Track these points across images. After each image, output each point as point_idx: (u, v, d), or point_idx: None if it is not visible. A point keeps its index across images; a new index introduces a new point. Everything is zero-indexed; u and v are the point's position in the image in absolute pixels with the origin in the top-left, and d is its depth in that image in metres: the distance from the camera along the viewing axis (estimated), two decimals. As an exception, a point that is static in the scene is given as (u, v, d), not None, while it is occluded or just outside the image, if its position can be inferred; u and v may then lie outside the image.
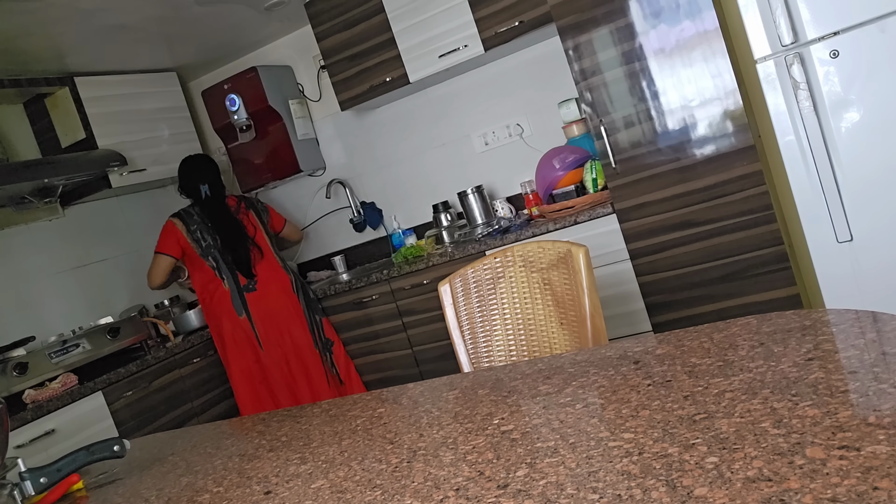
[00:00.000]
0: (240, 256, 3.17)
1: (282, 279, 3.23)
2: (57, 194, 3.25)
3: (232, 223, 3.23)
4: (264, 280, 3.19)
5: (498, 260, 1.76)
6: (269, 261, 3.24)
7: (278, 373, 3.15)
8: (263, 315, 3.15)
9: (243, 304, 3.14)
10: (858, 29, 2.10)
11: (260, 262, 3.22)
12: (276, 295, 3.18)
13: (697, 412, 0.84)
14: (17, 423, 2.43)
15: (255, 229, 3.26)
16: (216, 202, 3.25)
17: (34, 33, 2.76)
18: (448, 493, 0.83)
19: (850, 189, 2.19)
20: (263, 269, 3.21)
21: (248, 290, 3.16)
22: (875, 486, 0.60)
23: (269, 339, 3.15)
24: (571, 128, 3.10)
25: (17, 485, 1.27)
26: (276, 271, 3.23)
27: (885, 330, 0.93)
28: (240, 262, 3.17)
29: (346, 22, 3.30)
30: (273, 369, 3.15)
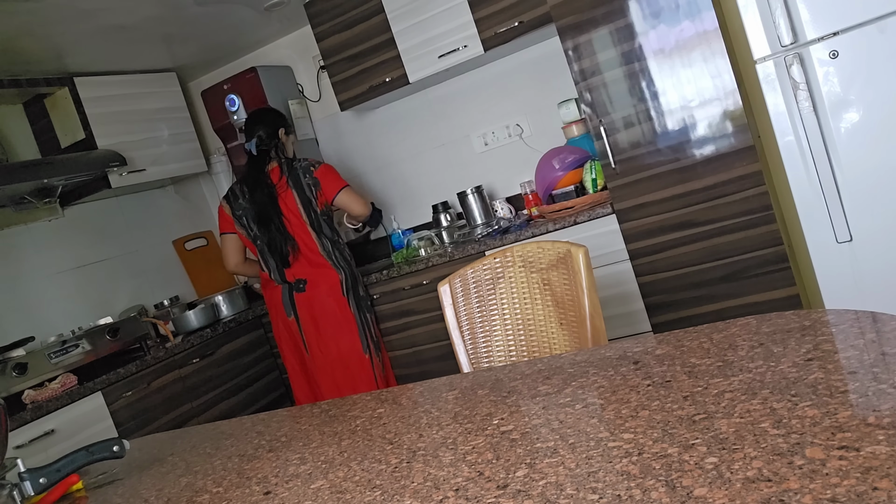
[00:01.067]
0: (278, 250, 2.84)
1: (330, 278, 2.87)
2: (56, 194, 3.25)
3: (264, 209, 2.83)
4: (313, 280, 2.87)
5: (497, 260, 1.76)
6: (314, 255, 2.87)
7: (323, 380, 2.93)
8: (310, 318, 2.88)
9: (292, 305, 2.90)
10: (858, 29, 2.10)
11: (301, 258, 2.86)
12: (322, 298, 2.87)
13: (697, 412, 0.84)
14: (16, 424, 2.43)
15: (295, 216, 2.84)
16: (254, 174, 2.86)
17: (34, 33, 2.76)
18: (448, 494, 0.83)
19: (849, 189, 2.19)
20: (309, 266, 2.87)
21: (298, 291, 2.88)
22: (874, 487, 0.60)
23: (316, 344, 2.90)
24: (571, 128, 3.10)
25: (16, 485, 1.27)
26: (324, 268, 2.87)
27: (884, 330, 0.93)
28: (279, 257, 2.86)
29: (346, 22, 3.30)
30: (318, 375, 2.94)
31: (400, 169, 3.75)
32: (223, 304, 3.58)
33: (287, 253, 2.83)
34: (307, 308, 2.87)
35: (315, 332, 2.89)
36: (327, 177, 2.86)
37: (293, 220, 2.83)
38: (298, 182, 2.83)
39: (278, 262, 2.85)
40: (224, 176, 4.05)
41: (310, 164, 2.87)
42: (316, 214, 2.85)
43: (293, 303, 2.88)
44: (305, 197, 2.83)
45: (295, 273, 2.87)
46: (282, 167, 2.86)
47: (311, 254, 2.85)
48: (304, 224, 2.83)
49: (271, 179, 2.85)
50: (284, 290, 2.88)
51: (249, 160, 2.90)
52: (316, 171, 2.85)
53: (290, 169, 2.85)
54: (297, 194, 2.82)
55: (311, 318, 2.88)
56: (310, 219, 2.84)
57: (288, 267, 2.85)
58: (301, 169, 2.85)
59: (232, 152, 3.83)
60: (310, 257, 2.85)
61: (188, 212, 4.11)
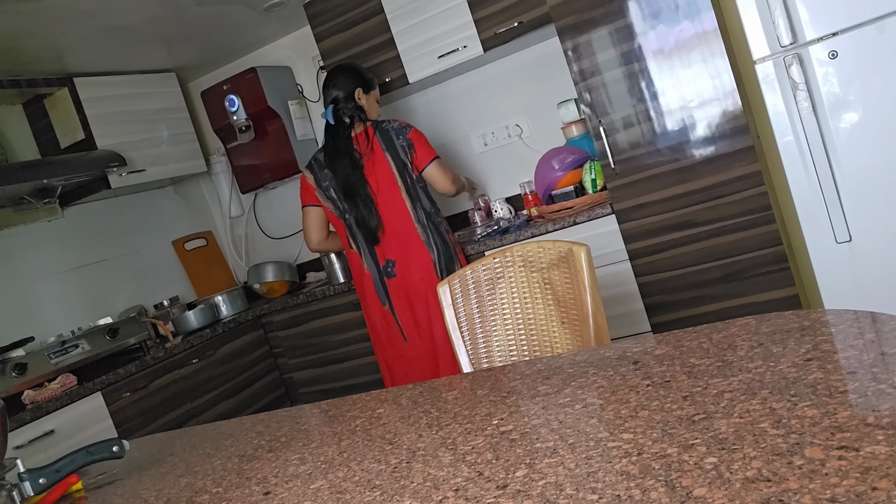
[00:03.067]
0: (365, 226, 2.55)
1: (421, 257, 2.55)
2: (56, 195, 3.25)
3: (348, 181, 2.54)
4: (403, 261, 2.56)
5: (497, 260, 1.76)
6: (406, 230, 2.55)
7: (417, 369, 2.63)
8: (406, 305, 2.59)
9: (385, 293, 2.60)
10: (857, 30, 2.10)
11: (390, 234, 2.56)
12: (415, 282, 2.56)
13: (696, 412, 0.84)
14: (16, 424, 2.43)
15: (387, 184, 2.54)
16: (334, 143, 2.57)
17: (34, 34, 2.76)
18: (447, 494, 0.83)
19: (848, 189, 2.19)
20: (398, 245, 2.56)
21: (388, 276, 2.59)
22: (874, 487, 0.60)
23: (415, 331, 2.61)
24: (570, 128, 3.10)
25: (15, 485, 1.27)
26: (415, 247, 2.55)
27: (883, 330, 0.93)
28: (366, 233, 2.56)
29: (346, 23, 3.30)
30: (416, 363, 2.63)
31: (399, 169, 3.74)
32: (223, 305, 3.58)
33: (375, 229, 2.54)
34: (401, 294, 2.58)
35: (412, 318, 2.60)
36: (421, 141, 2.59)
37: (384, 189, 2.53)
38: (392, 144, 2.54)
39: (367, 238, 2.57)
40: (224, 176, 4.06)
41: (402, 125, 2.59)
42: (412, 180, 2.55)
43: (386, 290, 2.60)
44: (400, 160, 2.53)
45: (385, 253, 2.57)
46: (367, 131, 2.57)
47: (402, 228, 2.55)
48: (397, 192, 2.53)
49: (357, 146, 2.56)
50: (375, 276, 2.60)
51: (328, 129, 2.63)
52: (409, 132, 2.58)
53: (381, 131, 2.57)
54: (391, 158, 2.53)
55: (408, 304, 2.59)
56: (405, 185, 2.54)
57: (377, 244, 2.56)
58: (393, 130, 2.57)
59: (232, 152, 3.83)
60: (400, 233, 2.55)
61: (188, 212, 4.11)
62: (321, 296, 3.33)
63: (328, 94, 2.65)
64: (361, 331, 3.30)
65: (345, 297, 3.29)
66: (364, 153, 2.54)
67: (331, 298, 3.33)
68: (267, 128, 3.69)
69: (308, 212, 2.70)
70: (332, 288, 3.30)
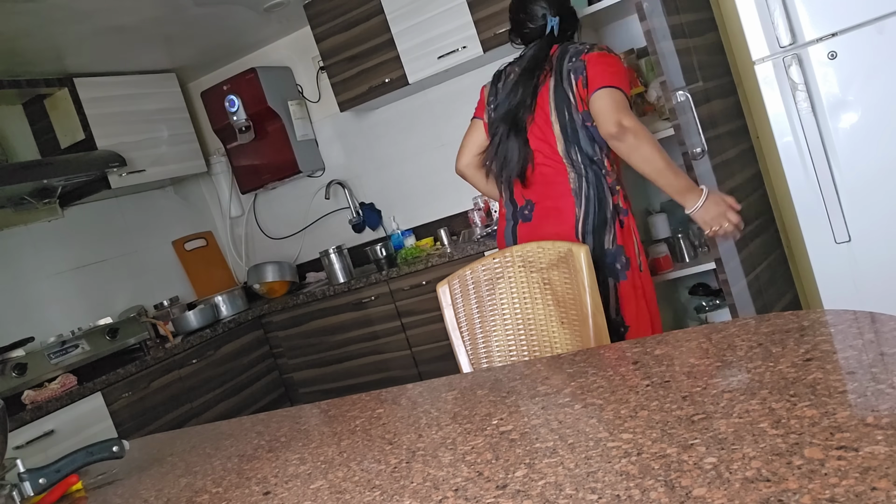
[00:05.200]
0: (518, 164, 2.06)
1: (565, 209, 2.00)
2: (56, 195, 3.25)
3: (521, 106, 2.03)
4: (543, 206, 2.04)
5: (497, 260, 1.76)
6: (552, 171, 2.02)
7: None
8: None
9: (514, 238, 2.10)
10: (856, 30, 2.10)
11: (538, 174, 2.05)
12: (548, 232, 2.01)
13: (696, 412, 0.84)
14: (15, 424, 2.43)
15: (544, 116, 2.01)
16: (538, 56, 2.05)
17: (34, 34, 2.76)
18: (447, 494, 0.83)
19: (848, 190, 2.20)
20: (544, 187, 2.04)
21: (523, 219, 2.08)
22: (873, 487, 0.60)
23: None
24: (570, 129, 3.10)
25: (15, 485, 1.27)
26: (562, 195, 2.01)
27: (883, 331, 0.93)
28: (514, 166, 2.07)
29: (346, 23, 3.30)
30: None
31: (400, 169, 3.75)
32: (223, 305, 3.58)
33: (523, 169, 2.05)
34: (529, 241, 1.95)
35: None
36: (598, 64, 1.94)
37: (540, 121, 2.02)
38: (560, 65, 1.99)
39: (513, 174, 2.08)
40: (224, 176, 4.06)
41: (588, 45, 1.99)
42: (571, 116, 1.97)
43: (515, 235, 2.10)
44: (561, 89, 1.98)
45: (525, 193, 2.08)
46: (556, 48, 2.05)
47: (551, 170, 2.03)
48: (550, 128, 2.00)
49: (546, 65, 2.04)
50: (509, 217, 2.13)
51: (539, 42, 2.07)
52: (588, 53, 1.96)
53: (562, 48, 2.03)
54: (552, 84, 2.00)
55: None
56: (560, 120, 1.98)
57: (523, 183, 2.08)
58: (572, 50, 2.00)
59: (231, 153, 3.84)
60: (548, 174, 2.03)
61: (188, 212, 4.11)
62: (321, 296, 3.34)
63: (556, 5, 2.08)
64: (361, 331, 3.30)
65: (345, 297, 3.29)
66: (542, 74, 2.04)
67: (331, 298, 3.33)
68: (267, 128, 3.69)
69: (473, 124, 2.24)
70: (332, 288, 3.30)
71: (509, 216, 2.12)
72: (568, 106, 1.96)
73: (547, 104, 1.99)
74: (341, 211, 3.92)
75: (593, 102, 1.90)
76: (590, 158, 1.97)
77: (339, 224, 3.94)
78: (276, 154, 3.72)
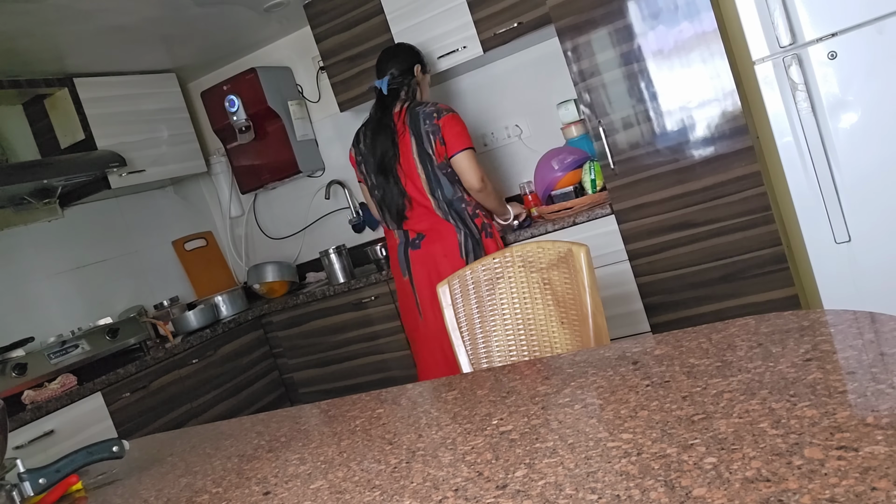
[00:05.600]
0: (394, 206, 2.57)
1: (448, 235, 2.54)
2: (56, 195, 3.25)
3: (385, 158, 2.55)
4: (431, 236, 2.56)
5: (497, 260, 1.76)
6: (425, 211, 2.57)
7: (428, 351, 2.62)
8: (425, 278, 2.56)
9: (407, 264, 2.60)
10: (856, 30, 2.10)
11: (417, 211, 2.57)
12: (438, 257, 2.54)
13: (696, 412, 0.84)
14: (15, 424, 2.43)
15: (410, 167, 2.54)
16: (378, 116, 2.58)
17: (34, 34, 2.76)
18: (447, 494, 0.83)
19: (847, 190, 2.20)
20: (427, 220, 2.57)
21: (413, 247, 2.58)
22: (873, 487, 0.60)
23: (430, 309, 2.57)
24: (570, 129, 3.10)
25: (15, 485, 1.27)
26: (442, 224, 2.55)
27: (882, 330, 0.93)
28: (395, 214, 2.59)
29: (346, 23, 3.30)
30: (428, 343, 2.62)
31: (399, 169, 3.74)
32: (223, 305, 3.58)
33: (402, 208, 2.56)
34: (422, 266, 2.57)
35: (430, 295, 2.55)
36: (452, 129, 2.50)
37: (409, 171, 2.53)
38: (417, 128, 2.50)
39: (394, 217, 2.60)
40: (224, 176, 4.06)
41: (436, 108, 2.52)
42: (433, 167, 2.51)
43: (408, 261, 2.59)
44: (422, 146, 2.50)
45: (413, 226, 2.59)
46: (403, 110, 2.56)
47: (425, 208, 2.56)
48: (418, 177, 2.52)
49: (395, 123, 2.55)
50: (400, 246, 2.61)
51: (377, 101, 2.62)
52: (440, 118, 2.50)
53: (412, 113, 2.53)
54: (414, 142, 2.50)
55: (427, 279, 2.56)
56: (425, 171, 2.51)
57: (405, 221, 2.59)
58: (423, 114, 2.51)
59: (231, 153, 3.83)
60: (423, 212, 2.57)
61: (188, 212, 4.11)
62: (321, 296, 3.34)
63: (386, 66, 2.63)
64: (361, 331, 3.30)
65: (345, 297, 3.29)
66: (399, 131, 2.53)
67: (331, 298, 3.33)
68: (267, 128, 3.69)
69: (362, 189, 2.73)
70: (332, 288, 3.30)
71: (400, 245, 2.60)
72: (430, 160, 2.51)
73: (411, 159, 2.51)
74: (341, 211, 3.92)
75: (457, 162, 2.50)
76: (451, 198, 2.54)
77: (339, 224, 3.94)
78: (276, 154, 3.72)
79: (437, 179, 2.52)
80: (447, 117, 2.51)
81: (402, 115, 2.55)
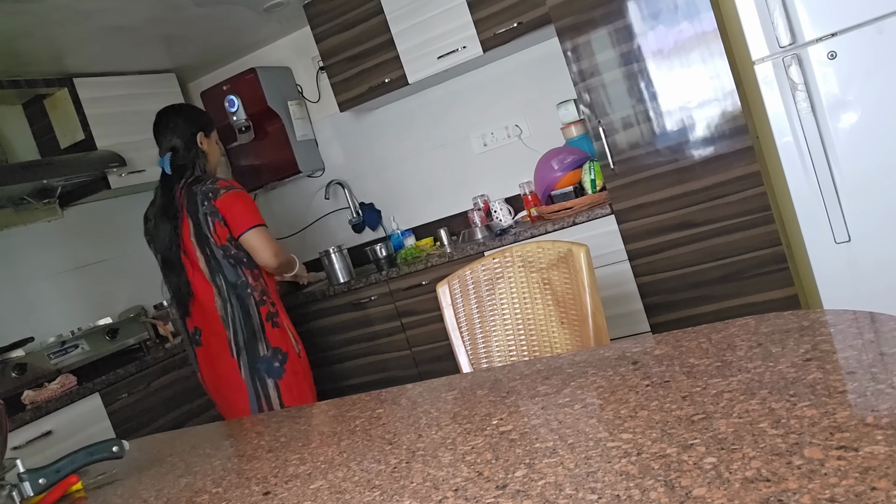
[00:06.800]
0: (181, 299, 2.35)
1: (219, 333, 2.31)
2: (56, 195, 3.25)
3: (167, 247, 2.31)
4: (206, 333, 2.34)
5: (497, 261, 1.76)
6: (208, 303, 2.31)
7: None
8: (212, 379, 2.38)
9: (195, 361, 2.42)
10: (856, 30, 2.10)
11: (197, 305, 2.33)
12: (215, 355, 2.33)
13: (696, 412, 0.84)
14: (15, 424, 2.43)
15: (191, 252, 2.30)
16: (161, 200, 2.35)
17: (33, 34, 2.76)
18: (447, 494, 0.83)
19: (847, 190, 2.20)
20: (203, 316, 2.34)
21: (196, 344, 2.38)
22: (873, 487, 0.60)
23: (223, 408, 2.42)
24: (570, 129, 3.10)
25: (15, 486, 1.27)
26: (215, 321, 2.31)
27: (882, 330, 0.93)
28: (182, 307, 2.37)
29: (345, 23, 3.30)
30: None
31: (399, 170, 3.75)
32: (222, 305, 3.57)
33: (186, 299, 2.34)
34: (207, 364, 2.37)
35: (217, 393, 2.40)
36: (234, 208, 2.26)
37: (191, 257, 2.30)
38: (195, 209, 2.26)
39: (178, 309, 2.40)
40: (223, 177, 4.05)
41: (216, 187, 2.28)
42: (212, 250, 2.28)
43: (196, 358, 2.41)
44: (201, 230, 2.26)
45: (194, 321, 2.37)
46: (182, 190, 2.31)
47: (205, 297, 2.31)
48: (197, 264, 2.29)
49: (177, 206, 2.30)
50: (186, 342, 2.43)
51: (163, 182, 2.38)
52: (217, 199, 2.26)
53: (189, 193, 2.29)
54: (192, 224, 2.27)
55: (213, 380, 2.38)
56: (204, 255, 2.28)
57: (187, 315, 2.38)
58: (200, 193, 2.27)
59: (231, 153, 3.83)
60: (203, 302, 2.32)
61: (187, 212, 4.11)
62: (321, 296, 3.34)
63: (165, 141, 2.40)
64: (361, 331, 3.30)
65: (345, 298, 3.29)
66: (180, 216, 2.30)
67: (331, 298, 3.33)
68: (267, 128, 3.69)
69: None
70: (332, 288, 3.30)
71: (186, 339, 2.42)
72: (208, 243, 2.27)
73: (190, 244, 2.28)
74: (341, 211, 3.92)
75: (247, 241, 2.27)
76: (233, 284, 2.30)
77: (339, 224, 3.94)
78: (275, 154, 3.72)
79: (219, 263, 2.28)
80: (225, 196, 2.26)
81: (181, 197, 2.30)
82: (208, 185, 2.29)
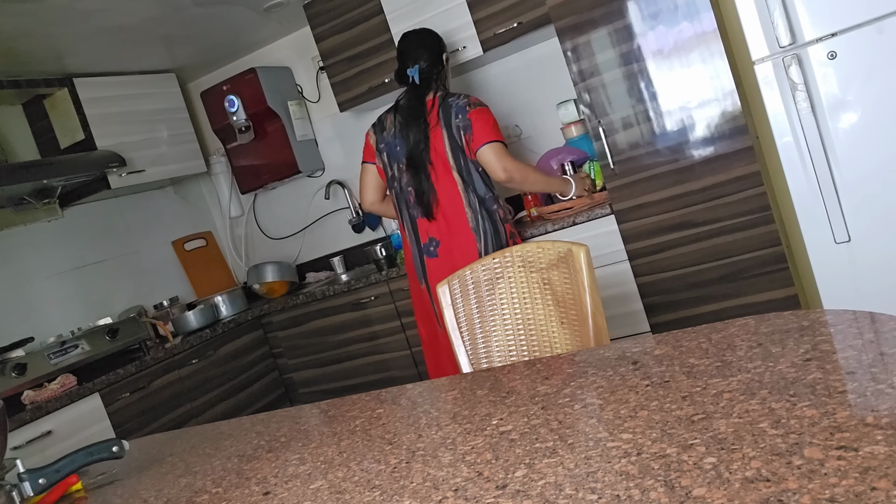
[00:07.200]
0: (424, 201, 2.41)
1: (466, 243, 2.40)
2: (56, 195, 3.25)
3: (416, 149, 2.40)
4: (447, 244, 2.42)
5: (497, 261, 1.76)
6: (455, 212, 2.41)
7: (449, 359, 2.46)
8: None
9: (423, 272, 2.47)
10: (856, 30, 2.10)
11: (440, 214, 2.42)
12: (458, 265, 2.34)
13: (696, 412, 0.84)
14: (15, 425, 2.43)
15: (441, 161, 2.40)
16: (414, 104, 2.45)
17: (33, 34, 2.76)
18: (447, 494, 0.83)
19: (847, 190, 2.20)
20: (446, 225, 2.42)
21: (429, 255, 2.45)
22: (873, 487, 0.60)
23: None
24: (570, 129, 3.10)
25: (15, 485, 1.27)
26: (462, 230, 2.40)
27: (882, 330, 0.93)
28: (422, 209, 2.43)
29: (345, 23, 3.30)
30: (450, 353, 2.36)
31: (399, 169, 3.74)
32: (223, 305, 3.58)
33: (430, 204, 2.40)
34: (441, 277, 2.36)
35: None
36: (480, 122, 2.38)
37: (439, 164, 2.40)
38: (449, 121, 2.39)
39: (417, 213, 2.45)
40: (223, 177, 4.06)
41: (468, 102, 2.41)
42: (466, 162, 2.39)
43: (424, 269, 2.46)
44: (455, 140, 2.38)
45: (429, 231, 2.44)
46: (435, 100, 2.44)
47: (452, 208, 2.41)
48: (450, 171, 2.39)
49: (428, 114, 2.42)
50: (415, 253, 2.48)
51: (410, 90, 2.49)
52: (471, 111, 2.39)
53: (444, 105, 2.41)
54: (446, 135, 2.38)
55: None
56: (458, 166, 2.39)
57: (430, 219, 2.43)
58: (455, 107, 2.40)
59: (231, 153, 3.83)
60: (449, 213, 2.41)
61: (187, 212, 4.11)
62: (321, 296, 3.34)
63: (413, 55, 2.49)
64: (361, 331, 3.30)
65: (345, 297, 3.29)
66: (431, 124, 2.41)
67: (331, 298, 3.33)
68: (266, 128, 3.69)
69: (365, 169, 2.60)
70: (332, 288, 3.31)
71: (414, 250, 2.48)
72: (463, 154, 2.39)
73: (444, 152, 2.38)
74: (341, 211, 3.92)
75: (481, 156, 2.37)
76: (480, 197, 2.41)
77: (338, 224, 3.94)
78: (275, 154, 3.72)
79: (471, 175, 2.40)
80: (477, 111, 2.39)
81: (434, 107, 2.42)
82: (463, 99, 2.42)
